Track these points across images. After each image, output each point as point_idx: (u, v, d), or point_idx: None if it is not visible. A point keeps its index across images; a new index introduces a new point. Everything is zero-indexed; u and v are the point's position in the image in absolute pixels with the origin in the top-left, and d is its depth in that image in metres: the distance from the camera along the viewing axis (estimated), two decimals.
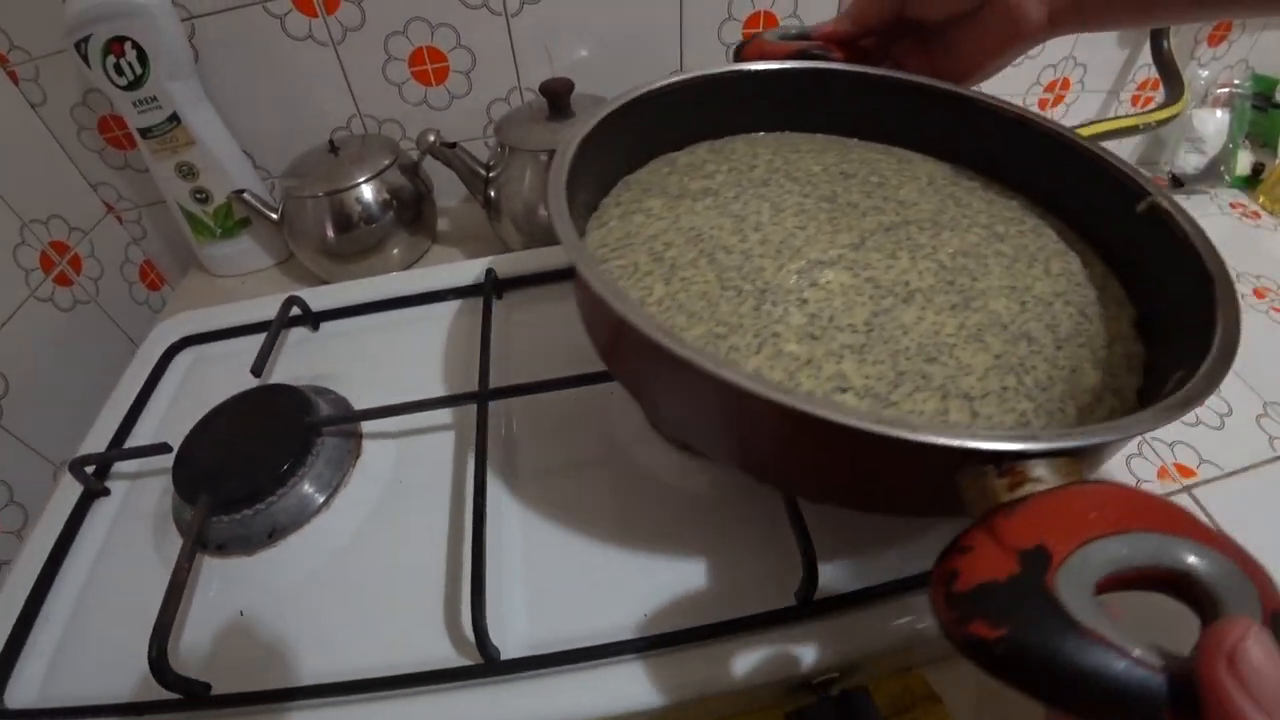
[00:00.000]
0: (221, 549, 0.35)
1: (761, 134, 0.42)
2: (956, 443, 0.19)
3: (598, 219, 0.35)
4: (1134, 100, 0.78)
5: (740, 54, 0.42)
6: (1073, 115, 0.77)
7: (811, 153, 0.40)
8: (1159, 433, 0.51)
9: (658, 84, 0.37)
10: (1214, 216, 0.76)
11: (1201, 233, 0.29)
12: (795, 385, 0.26)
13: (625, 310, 0.24)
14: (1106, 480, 0.19)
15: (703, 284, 0.30)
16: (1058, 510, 0.18)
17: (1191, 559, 0.17)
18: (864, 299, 0.29)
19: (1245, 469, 0.49)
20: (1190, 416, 0.53)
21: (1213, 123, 0.77)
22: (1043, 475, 0.19)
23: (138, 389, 0.45)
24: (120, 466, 0.41)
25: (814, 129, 0.42)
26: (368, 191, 0.55)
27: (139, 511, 0.39)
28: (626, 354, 0.29)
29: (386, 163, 0.56)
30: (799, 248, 0.32)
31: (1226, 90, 0.77)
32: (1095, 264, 0.34)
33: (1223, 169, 0.78)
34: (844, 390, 0.26)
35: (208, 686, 0.30)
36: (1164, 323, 0.30)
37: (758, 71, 0.39)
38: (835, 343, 0.28)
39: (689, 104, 0.39)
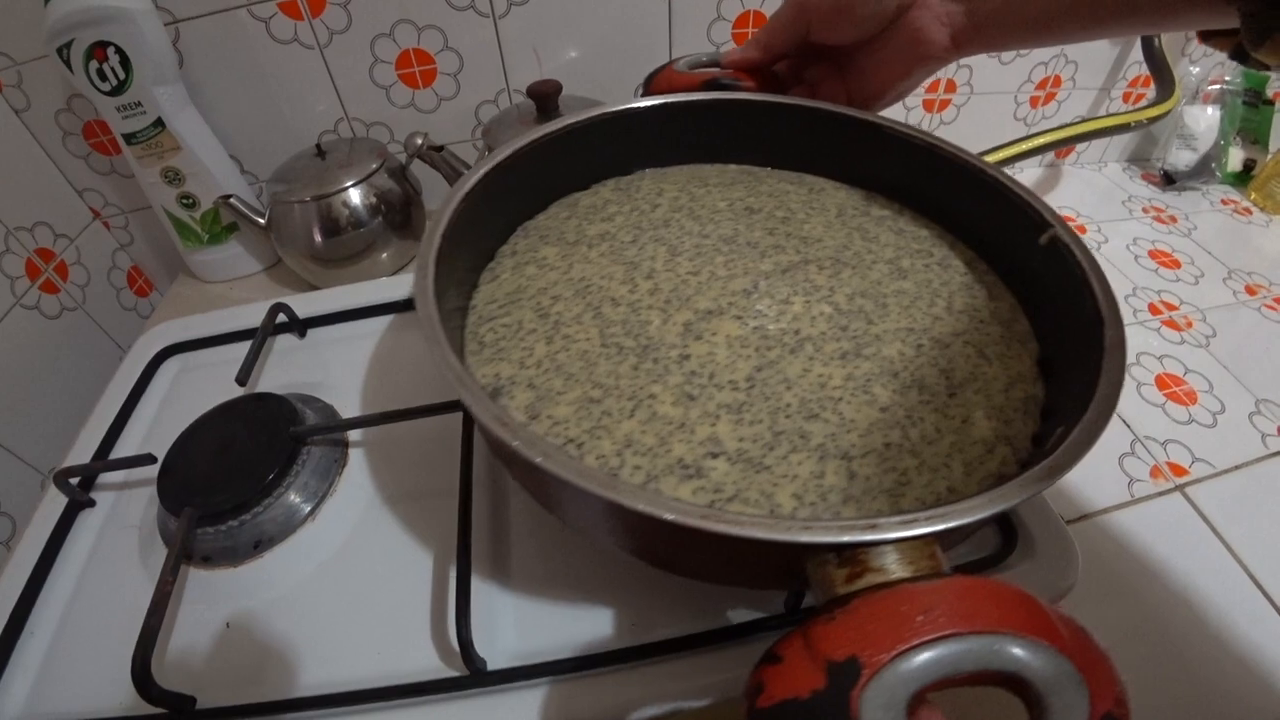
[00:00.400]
0: (207, 561, 0.35)
1: (671, 168, 0.41)
2: (780, 537, 0.19)
3: (491, 271, 0.35)
4: (1125, 97, 0.77)
5: (649, 85, 0.41)
6: (1064, 112, 0.77)
7: (719, 186, 0.39)
8: (1152, 431, 0.51)
9: (556, 126, 0.36)
10: (1205, 213, 0.76)
11: (1099, 271, 0.28)
12: (667, 451, 0.26)
13: (467, 399, 0.23)
14: (944, 576, 0.18)
15: (584, 342, 0.30)
16: (881, 614, 0.17)
17: (1022, 659, 0.16)
18: (750, 351, 0.29)
19: (1238, 467, 0.49)
20: (1182, 414, 0.53)
21: (1204, 119, 0.77)
22: (885, 564, 0.18)
23: (123, 398, 0.44)
24: (106, 477, 0.41)
25: (726, 159, 0.42)
26: (355, 195, 0.55)
27: (125, 523, 0.38)
28: (483, 436, 0.29)
29: (374, 166, 0.56)
30: (689, 297, 0.31)
31: (1218, 87, 0.77)
32: (1004, 297, 0.33)
33: (1214, 165, 0.78)
34: (716, 455, 0.25)
35: (193, 700, 0.30)
36: (1065, 362, 0.29)
37: (664, 105, 0.38)
38: (713, 402, 0.27)
39: (594, 143, 0.38)
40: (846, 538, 0.19)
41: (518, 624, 0.31)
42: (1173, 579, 0.43)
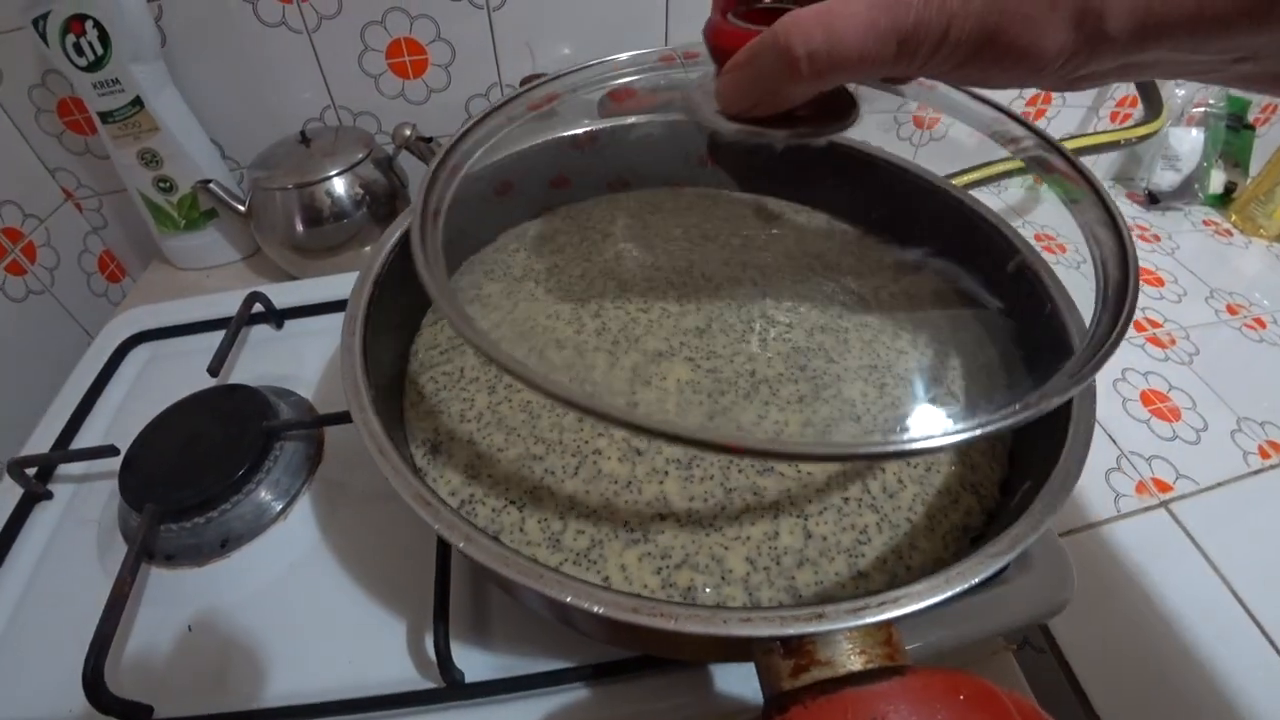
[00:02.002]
0: (170, 559, 0.33)
1: (625, 192, 0.39)
2: (718, 632, 0.18)
3: (434, 313, 0.33)
4: (1112, 116, 0.78)
5: (605, 104, 0.40)
6: (1054, 129, 0.78)
7: (674, 212, 0.37)
8: (1137, 447, 0.51)
9: (501, 155, 0.34)
10: (1188, 233, 0.77)
11: (1069, 300, 0.27)
12: (612, 513, 0.24)
13: (386, 469, 0.23)
14: (898, 673, 0.17)
15: (527, 391, 0.28)
16: None
17: None
18: (701, 397, 0.27)
19: (1221, 484, 0.49)
20: (1167, 431, 0.53)
21: (1188, 141, 0.78)
22: (833, 655, 0.17)
23: (87, 386, 0.42)
24: (65, 469, 0.39)
25: (683, 182, 0.40)
26: (339, 185, 0.53)
27: (83, 518, 0.36)
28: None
29: (360, 156, 0.54)
30: (638, 337, 0.29)
31: (1202, 109, 0.78)
32: (970, 327, 0.32)
33: (1196, 186, 0.79)
34: (664, 517, 0.24)
35: (149, 709, 0.28)
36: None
37: (617, 128, 0.37)
38: (660, 457, 0.26)
39: (541, 170, 0.36)
40: (791, 630, 0.17)
41: (496, 634, 0.30)
42: (1157, 594, 0.42)
